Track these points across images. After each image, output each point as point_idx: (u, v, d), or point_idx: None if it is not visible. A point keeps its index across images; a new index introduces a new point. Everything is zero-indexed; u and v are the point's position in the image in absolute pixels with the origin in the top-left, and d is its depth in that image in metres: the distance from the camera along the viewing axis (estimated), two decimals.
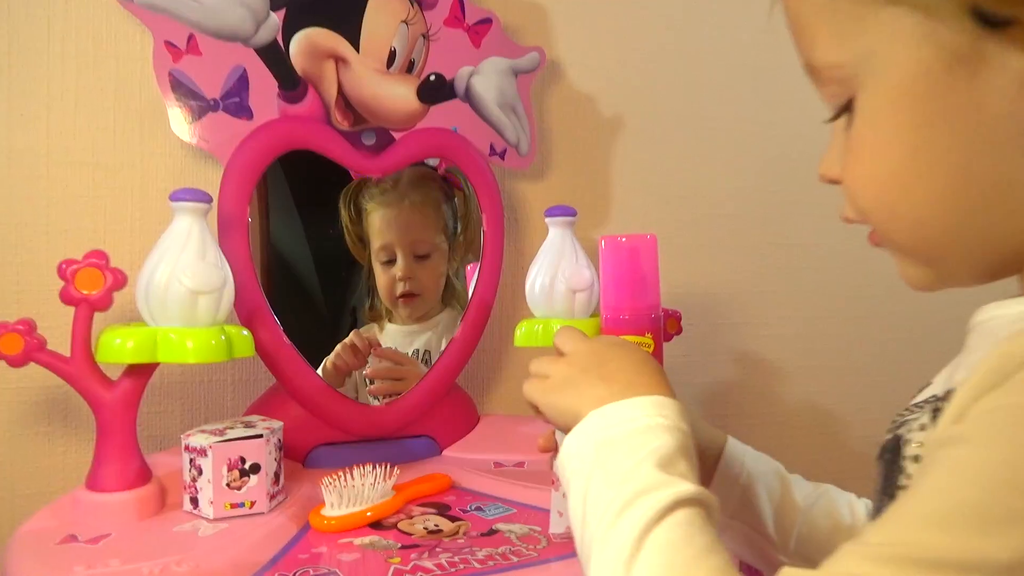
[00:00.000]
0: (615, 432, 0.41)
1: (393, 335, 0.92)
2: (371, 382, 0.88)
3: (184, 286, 0.63)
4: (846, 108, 0.38)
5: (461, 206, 0.92)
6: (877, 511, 0.41)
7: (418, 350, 0.92)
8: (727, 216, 1.15)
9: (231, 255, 0.71)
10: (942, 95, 0.34)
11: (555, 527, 0.61)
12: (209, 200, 0.67)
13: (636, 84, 1.09)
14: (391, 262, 0.89)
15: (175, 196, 0.65)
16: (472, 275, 0.92)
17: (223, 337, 0.64)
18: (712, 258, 1.14)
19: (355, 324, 0.90)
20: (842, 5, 0.36)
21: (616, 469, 0.39)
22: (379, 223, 0.89)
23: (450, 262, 0.93)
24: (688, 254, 1.12)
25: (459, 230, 0.93)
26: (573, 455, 0.42)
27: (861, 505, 0.55)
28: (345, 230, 0.90)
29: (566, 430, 0.44)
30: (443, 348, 0.88)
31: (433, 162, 0.91)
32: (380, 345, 0.89)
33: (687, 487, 0.37)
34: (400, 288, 0.89)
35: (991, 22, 0.32)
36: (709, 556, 0.34)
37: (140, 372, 0.64)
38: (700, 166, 1.14)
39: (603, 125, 1.08)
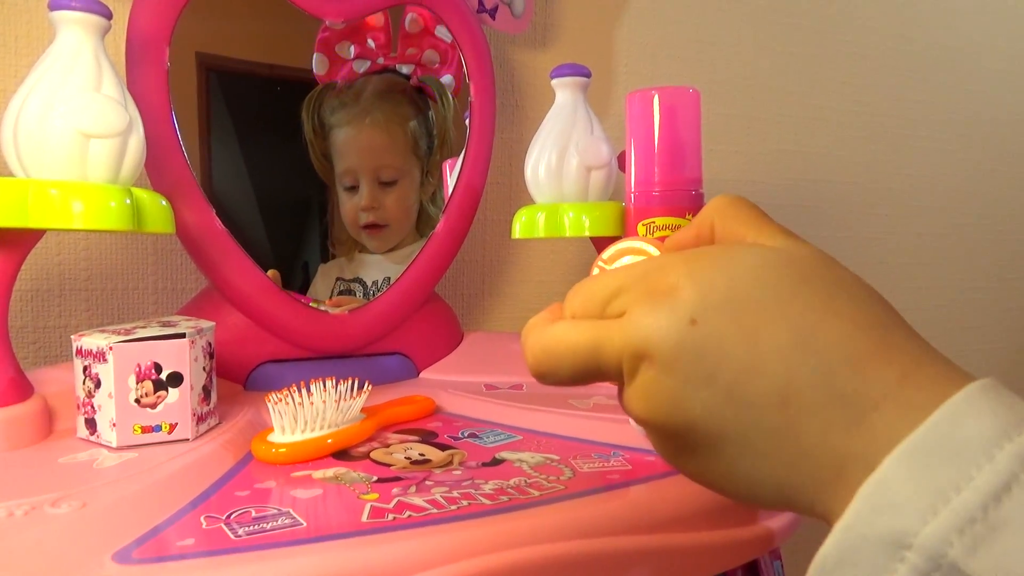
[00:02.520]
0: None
1: (366, 264, 0.75)
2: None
3: (71, 123, 0.44)
4: None
5: (439, 121, 0.75)
6: None
7: (389, 278, 0.75)
8: (757, 117, 1.00)
9: (143, 101, 0.52)
10: None
11: None
12: (108, 14, 0.48)
13: None
14: (354, 188, 0.72)
15: (56, 3, 0.47)
16: (453, 168, 0.75)
17: (128, 201, 0.46)
18: (748, 164, 0.99)
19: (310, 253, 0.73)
20: None
21: None
22: (340, 143, 0.72)
23: (424, 187, 0.76)
24: (718, 157, 0.97)
25: (434, 149, 0.75)
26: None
27: None
28: (309, 145, 0.72)
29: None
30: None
31: (407, 69, 0.73)
32: None
33: None
34: (364, 218, 0.72)
35: None
36: None
37: (11, 245, 0.46)
38: (727, 45, 0.98)
39: None
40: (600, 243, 0.68)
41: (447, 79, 0.74)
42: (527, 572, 0.35)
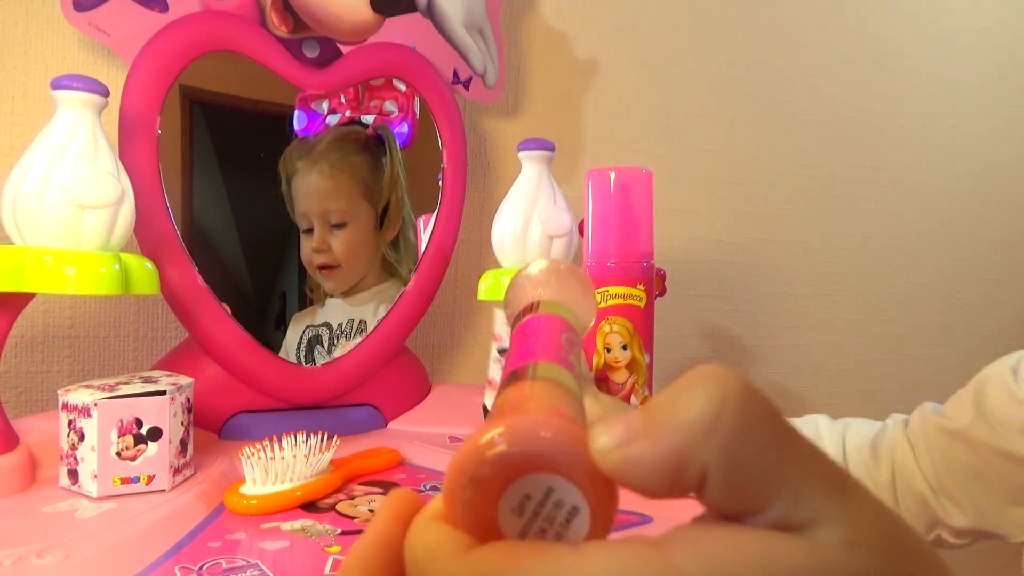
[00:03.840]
0: None
1: (332, 309, 0.79)
2: (309, 348, 0.75)
3: (67, 195, 0.48)
4: None
5: (389, 168, 0.80)
6: None
7: (364, 321, 0.79)
8: (705, 180, 1.06)
9: (134, 170, 0.56)
10: None
11: None
12: (105, 92, 0.52)
13: (612, 24, 0.98)
14: (310, 231, 0.77)
15: (58, 83, 0.51)
16: (426, 226, 0.79)
17: (117, 266, 0.50)
18: (684, 222, 1.05)
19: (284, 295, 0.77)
20: None
21: None
22: (296, 189, 0.77)
23: (381, 232, 0.80)
24: (668, 216, 1.02)
25: (383, 194, 0.80)
26: None
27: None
28: (285, 197, 0.77)
29: None
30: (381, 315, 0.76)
31: (369, 119, 0.78)
32: None
33: None
34: (316, 259, 0.77)
35: None
36: None
37: (3, 307, 0.49)
38: (679, 119, 1.04)
39: (575, 66, 0.96)
40: None
41: (404, 127, 0.79)
42: None
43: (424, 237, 0.79)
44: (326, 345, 0.79)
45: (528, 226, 0.69)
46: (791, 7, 1.13)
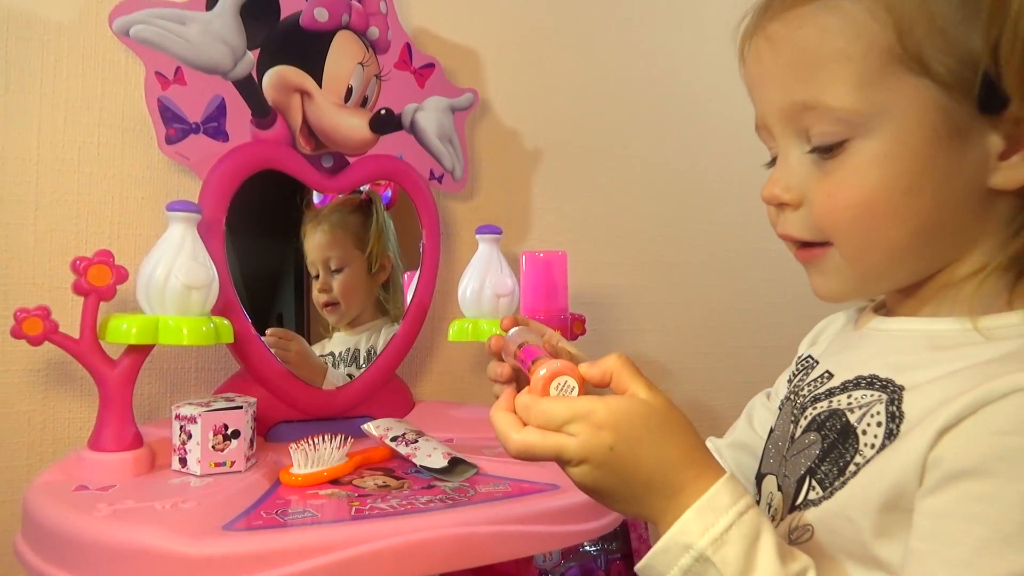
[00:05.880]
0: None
1: (337, 340, 1.06)
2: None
3: (180, 281, 0.76)
4: (832, 146, 0.45)
5: (376, 224, 1.07)
6: (810, 473, 0.48)
7: (358, 350, 1.07)
8: (629, 237, 1.35)
9: (213, 256, 0.84)
10: (934, 155, 0.43)
11: None
12: (201, 212, 0.80)
13: (555, 120, 1.28)
14: (317, 276, 1.05)
15: (172, 207, 0.78)
16: (410, 282, 1.07)
17: (211, 325, 0.77)
18: (615, 271, 1.33)
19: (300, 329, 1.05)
20: (872, 62, 0.43)
21: None
22: (308, 244, 1.05)
23: (373, 276, 1.08)
24: (595, 267, 1.31)
25: (371, 244, 1.08)
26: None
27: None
28: (302, 250, 1.05)
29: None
30: (380, 345, 1.03)
31: (365, 187, 1.06)
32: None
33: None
34: (321, 298, 1.05)
35: (985, 108, 0.42)
36: None
37: (138, 353, 0.77)
38: (608, 193, 1.33)
39: (525, 155, 1.25)
40: None
41: (388, 192, 1.07)
42: (443, 543, 0.66)
43: (409, 291, 1.07)
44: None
45: (483, 287, 0.98)
46: (708, 108, 1.42)
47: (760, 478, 0.57)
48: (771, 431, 0.58)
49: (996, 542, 0.38)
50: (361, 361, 1.05)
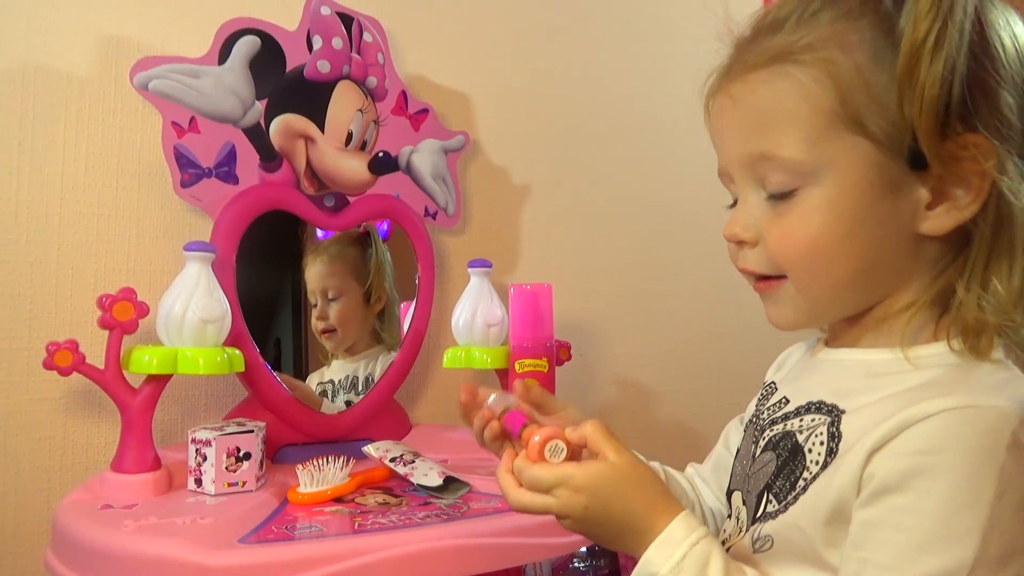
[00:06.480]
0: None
1: (336, 368, 1.13)
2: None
3: (196, 316, 0.83)
4: (785, 192, 0.51)
5: (375, 256, 1.15)
6: (767, 488, 0.55)
7: (357, 377, 1.14)
8: (613, 267, 1.43)
9: (225, 291, 0.91)
10: (871, 203, 0.49)
11: None
12: (215, 251, 0.87)
13: (541, 159, 1.36)
14: (315, 305, 1.12)
15: (189, 247, 0.86)
16: (407, 312, 1.15)
17: (225, 355, 0.84)
18: (600, 300, 1.41)
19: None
20: (817, 122, 0.49)
21: None
22: (307, 274, 1.12)
23: (369, 305, 1.15)
24: (581, 296, 1.38)
25: (370, 275, 1.15)
26: None
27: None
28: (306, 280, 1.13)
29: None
30: (377, 372, 1.10)
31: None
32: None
33: None
34: (319, 325, 1.11)
35: (914, 165, 0.48)
36: None
37: (158, 382, 0.83)
38: (591, 226, 1.41)
39: (513, 192, 1.33)
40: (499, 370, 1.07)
41: (384, 225, 1.15)
42: (438, 554, 0.73)
43: (406, 320, 1.14)
44: (331, 396, 1.13)
45: (474, 317, 1.05)
46: (683, 149, 1.51)
47: (730, 493, 0.63)
48: (737, 450, 0.65)
49: (914, 548, 0.44)
50: (360, 387, 1.12)
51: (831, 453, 0.50)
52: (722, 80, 0.55)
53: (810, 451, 0.51)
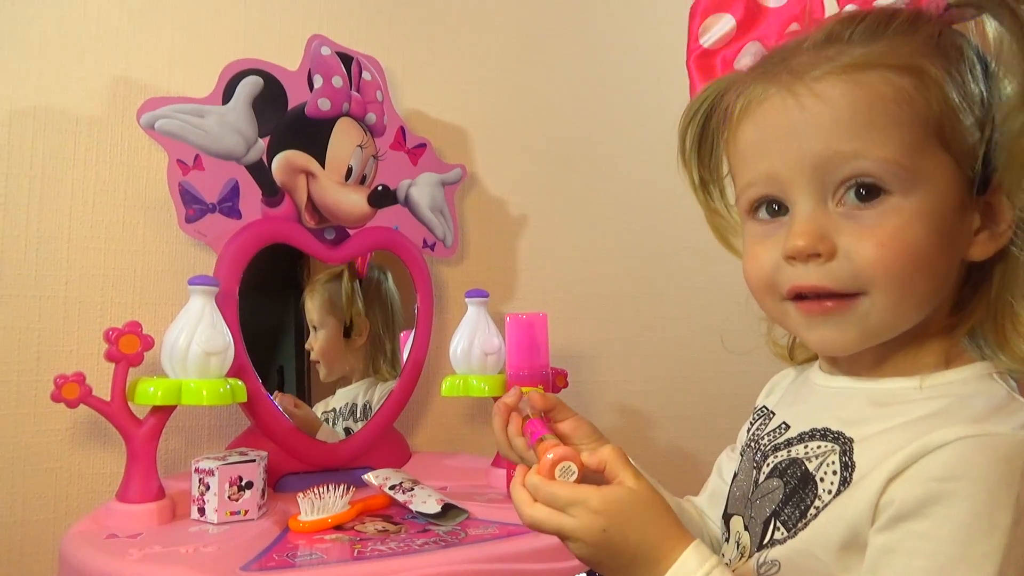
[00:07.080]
0: None
1: (336, 397, 1.15)
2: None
3: (200, 348, 0.85)
4: (871, 196, 0.49)
5: (343, 295, 1.16)
6: (775, 516, 0.55)
7: (356, 404, 1.16)
8: (608, 296, 1.45)
9: (228, 322, 0.93)
10: (952, 222, 0.50)
11: None
12: (218, 284, 0.90)
13: (536, 191, 1.39)
14: (308, 335, 1.14)
15: (193, 281, 0.88)
16: (407, 340, 1.17)
17: (228, 386, 0.86)
18: (595, 328, 1.43)
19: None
20: (918, 131, 0.49)
21: None
22: (306, 305, 1.14)
23: (350, 338, 1.17)
24: (576, 325, 1.41)
25: (346, 313, 1.16)
26: None
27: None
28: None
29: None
30: (375, 400, 1.13)
31: None
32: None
33: None
34: (310, 354, 1.14)
35: (978, 191, 0.50)
36: None
37: (162, 413, 0.85)
38: (587, 256, 1.44)
39: (510, 223, 1.36)
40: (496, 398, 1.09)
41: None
42: None
43: (406, 349, 1.16)
44: (331, 423, 1.15)
45: (472, 346, 1.07)
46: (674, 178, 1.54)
47: (728, 517, 0.64)
48: (735, 475, 0.66)
49: (931, 573, 0.45)
50: (358, 415, 1.14)
51: (845, 482, 0.51)
52: (791, 79, 0.51)
53: (822, 479, 0.52)
